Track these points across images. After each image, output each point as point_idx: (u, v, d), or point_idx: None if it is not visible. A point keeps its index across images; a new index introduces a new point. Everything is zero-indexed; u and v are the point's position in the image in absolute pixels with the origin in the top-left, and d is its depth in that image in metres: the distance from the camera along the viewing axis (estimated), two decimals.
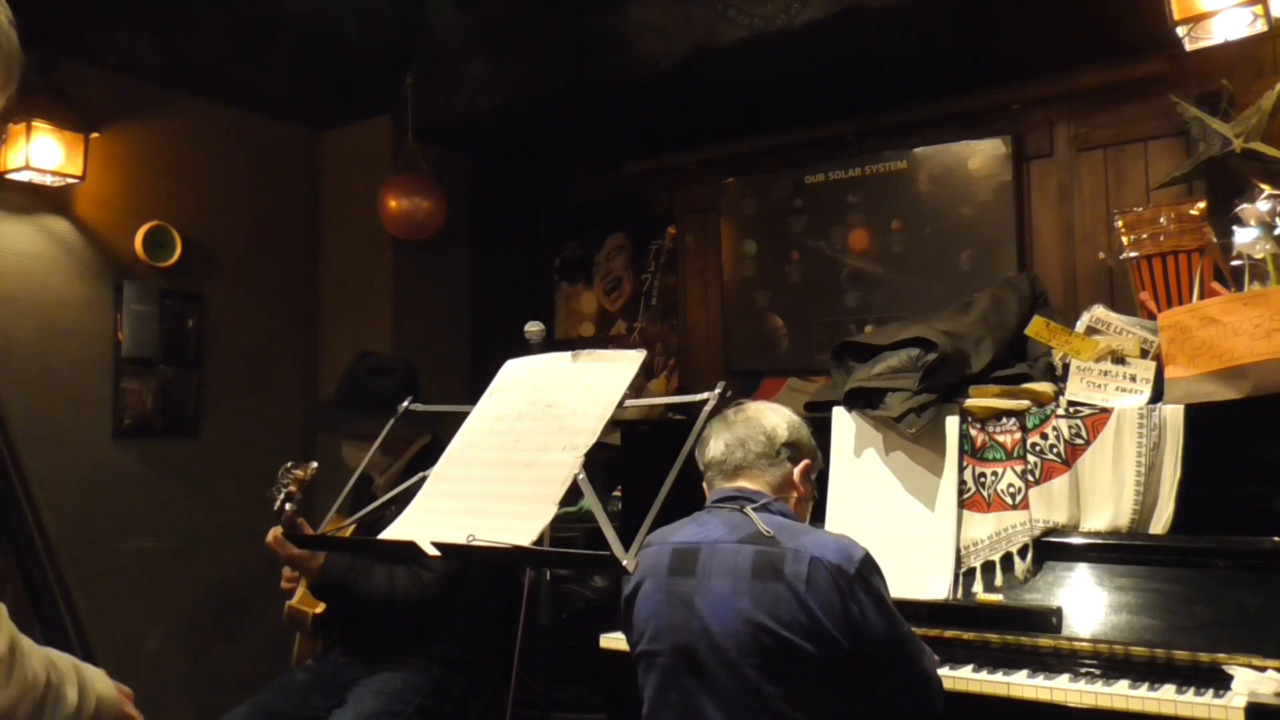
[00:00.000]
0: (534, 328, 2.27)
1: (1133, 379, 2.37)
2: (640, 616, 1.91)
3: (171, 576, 3.70)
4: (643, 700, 1.92)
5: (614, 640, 2.58)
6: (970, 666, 2.18)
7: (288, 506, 2.39)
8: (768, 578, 1.76)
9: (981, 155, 3.49)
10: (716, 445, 2.01)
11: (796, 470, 2.00)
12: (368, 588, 2.55)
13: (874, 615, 1.75)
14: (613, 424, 1.80)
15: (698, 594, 1.82)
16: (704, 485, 2.05)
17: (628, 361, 1.82)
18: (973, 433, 2.48)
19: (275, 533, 2.41)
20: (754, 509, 1.88)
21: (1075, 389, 2.43)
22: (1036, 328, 2.52)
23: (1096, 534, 2.29)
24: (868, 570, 1.78)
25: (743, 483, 1.97)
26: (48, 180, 3.36)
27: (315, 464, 2.47)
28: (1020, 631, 2.22)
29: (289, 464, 2.45)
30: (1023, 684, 2.08)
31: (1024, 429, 2.41)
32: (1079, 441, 2.34)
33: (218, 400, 3.91)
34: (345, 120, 4.24)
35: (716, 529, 1.88)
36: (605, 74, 3.43)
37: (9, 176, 3.30)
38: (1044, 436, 2.39)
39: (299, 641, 2.98)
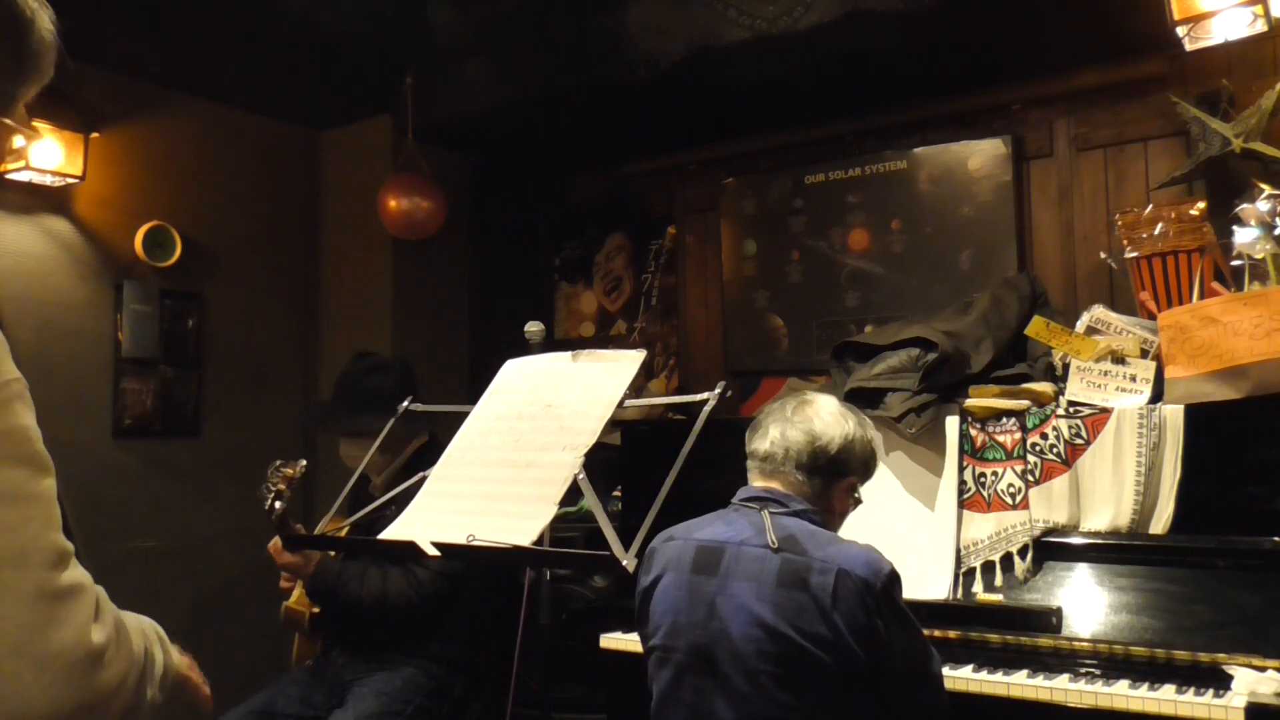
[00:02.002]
0: (534, 328, 2.27)
1: (1133, 379, 2.37)
2: (658, 610, 1.88)
3: (171, 576, 3.70)
4: (651, 694, 1.90)
5: (614, 640, 2.58)
6: (970, 666, 2.18)
7: (277, 505, 2.38)
8: (792, 587, 1.73)
9: (981, 155, 3.49)
10: (764, 440, 1.93)
11: (837, 486, 1.93)
12: (359, 591, 2.54)
13: (897, 630, 1.74)
14: (613, 424, 1.80)
15: (719, 595, 1.79)
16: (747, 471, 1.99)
17: (628, 361, 1.82)
18: (973, 433, 2.48)
19: (275, 542, 2.42)
20: (775, 512, 1.84)
21: (1075, 389, 2.43)
22: (1036, 328, 2.52)
23: (1096, 534, 2.29)
24: (893, 585, 1.75)
25: (776, 485, 1.92)
26: (48, 180, 3.36)
27: (304, 462, 2.46)
28: (1020, 631, 2.22)
29: (278, 462, 2.44)
30: (1023, 684, 2.08)
31: (1024, 429, 2.41)
32: (1079, 441, 2.34)
33: (218, 400, 3.91)
34: (345, 120, 4.24)
35: (744, 530, 1.84)
36: (605, 74, 3.43)
37: (9, 176, 3.30)
38: (1044, 436, 2.39)
39: (298, 641, 2.98)
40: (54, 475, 0.93)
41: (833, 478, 1.92)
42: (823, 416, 1.93)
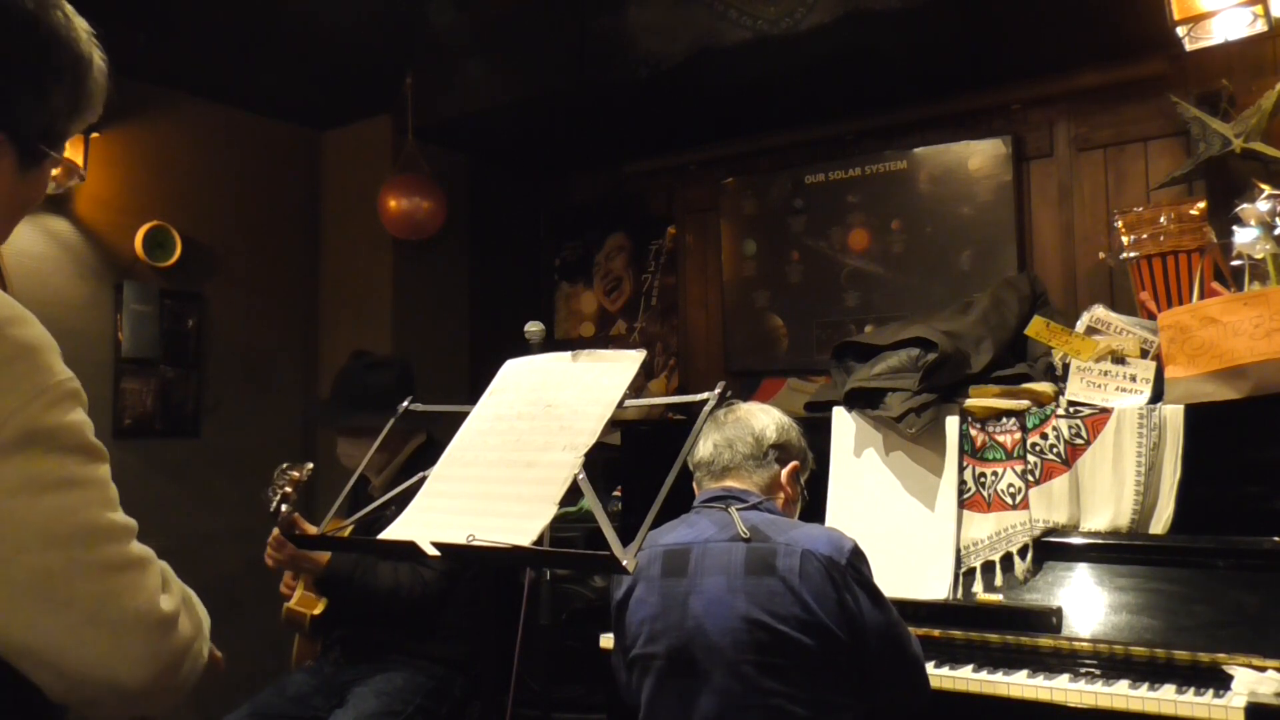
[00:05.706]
0: (534, 328, 2.26)
1: (1133, 379, 2.37)
2: (634, 620, 1.91)
3: None
4: (639, 704, 1.92)
5: (613, 641, 2.58)
6: (970, 666, 2.18)
7: (284, 508, 2.38)
8: (761, 573, 1.77)
9: (981, 155, 3.49)
10: (705, 446, 2.00)
11: (784, 472, 2.00)
12: (374, 583, 2.55)
13: (867, 604, 1.76)
14: (613, 424, 1.80)
15: (692, 594, 1.82)
16: (694, 485, 2.05)
17: (628, 361, 1.81)
18: (973, 433, 2.48)
19: (276, 537, 2.41)
20: (741, 508, 1.88)
21: (1075, 389, 2.43)
22: (1036, 328, 2.52)
23: (1096, 534, 2.29)
24: (858, 560, 1.80)
25: (730, 483, 1.97)
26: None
27: (311, 464, 2.46)
28: (1020, 631, 2.22)
29: (284, 465, 2.44)
30: (1023, 684, 2.07)
31: (1024, 429, 2.41)
32: (1079, 441, 2.34)
33: (218, 400, 3.91)
34: (345, 120, 4.24)
35: (707, 528, 1.89)
36: (605, 74, 3.43)
37: None
38: (1044, 436, 2.38)
39: (298, 643, 2.97)
40: (108, 461, 1.01)
41: (779, 464, 2.00)
42: (752, 413, 2.03)
